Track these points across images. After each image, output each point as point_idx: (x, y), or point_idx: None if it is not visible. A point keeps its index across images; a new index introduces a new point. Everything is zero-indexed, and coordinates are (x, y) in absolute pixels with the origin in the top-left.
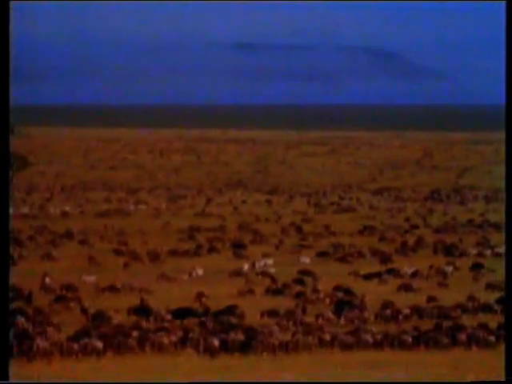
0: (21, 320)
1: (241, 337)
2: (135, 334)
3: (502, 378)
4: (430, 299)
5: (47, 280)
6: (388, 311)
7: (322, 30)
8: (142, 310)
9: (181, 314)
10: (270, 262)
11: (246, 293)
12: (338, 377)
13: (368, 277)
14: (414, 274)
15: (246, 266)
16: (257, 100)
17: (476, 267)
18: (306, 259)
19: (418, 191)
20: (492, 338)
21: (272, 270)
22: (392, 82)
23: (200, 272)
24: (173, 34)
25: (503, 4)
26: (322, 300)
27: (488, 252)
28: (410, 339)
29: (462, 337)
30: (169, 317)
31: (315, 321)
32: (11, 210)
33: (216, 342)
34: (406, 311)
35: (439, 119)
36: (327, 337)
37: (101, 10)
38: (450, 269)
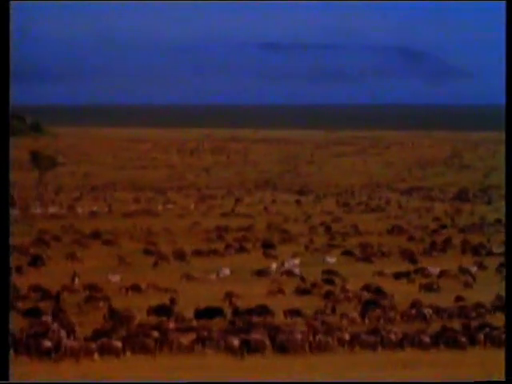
0: (47, 319)
1: (270, 337)
2: (156, 334)
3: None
4: (458, 299)
5: (76, 280)
6: (414, 310)
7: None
8: (168, 310)
9: (209, 313)
10: (296, 261)
11: (276, 292)
12: (364, 377)
13: (397, 276)
14: (442, 274)
15: (274, 266)
16: (285, 100)
17: (504, 266)
18: (331, 259)
19: (446, 191)
20: None
21: (300, 270)
22: (421, 81)
23: (227, 272)
24: (201, 34)
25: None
26: (351, 299)
27: None
28: (437, 338)
29: (490, 336)
30: (191, 316)
31: (340, 320)
32: (39, 210)
33: (239, 342)
34: (431, 310)
35: (467, 119)
36: (350, 336)
37: (128, 11)
38: (475, 269)
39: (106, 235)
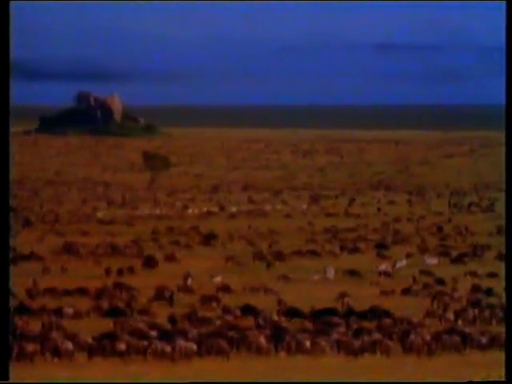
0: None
1: (381, 337)
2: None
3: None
4: None
5: (189, 281)
6: None
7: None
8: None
9: (323, 314)
10: (404, 262)
11: (389, 293)
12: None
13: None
14: None
15: (384, 266)
16: (397, 100)
17: None
18: (433, 260)
19: None
20: None
21: (409, 270)
22: None
23: (331, 273)
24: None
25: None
26: (459, 300)
27: None
28: None
29: None
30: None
31: (455, 321)
32: (144, 211)
33: (361, 343)
34: None
35: None
36: (462, 337)
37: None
38: None
39: (217, 236)
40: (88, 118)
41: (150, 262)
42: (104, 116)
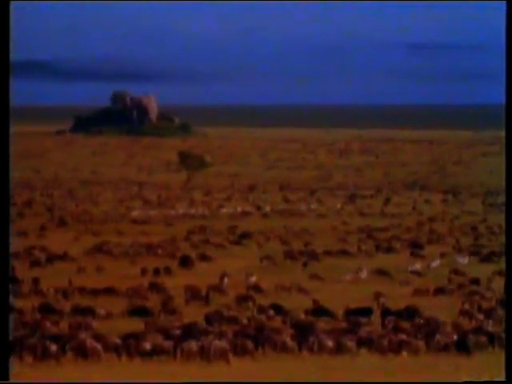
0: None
1: (409, 336)
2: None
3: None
4: None
5: (225, 280)
6: None
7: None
8: (320, 311)
9: (359, 313)
10: (438, 261)
11: (423, 292)
12: None
13: None
14: None
15: (418, 266)
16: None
17: None
18: (464, 259)
19: None
20: None
21: (442, 270)
22: None
23: (364, 272)
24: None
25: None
26: (490, 299)
27: None
28: None
29: None
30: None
31: (484, 320)
32: (180, 211)
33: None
34: None
35: None
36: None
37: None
38: None
39: (252, 235)
40: (124, 117)
41: (185, 262)
42: (140, 116)
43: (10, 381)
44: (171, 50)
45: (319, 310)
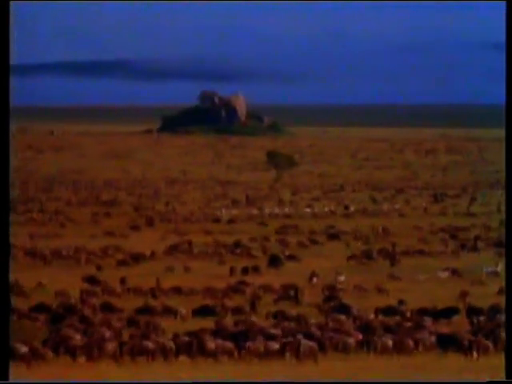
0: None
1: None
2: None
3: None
4: None
5: (314, 280)
6: None
7: None
8: (396, 311)
9: (445, 313)
10: None
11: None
12: None
13: None
14: None
15: (498, 266)
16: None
17: None
18: None
19: None
20: None
21: None
22: None
23: (446, 272)
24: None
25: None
26: None
27: None
28: None
29: None
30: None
31: None
32: (268, 210)
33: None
34: None
35: None
36: None
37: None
38: None
39: (339, 234)
40: (212, 117)
41: (274, 261)
42: (228, 115)
43: (10, 381)
44: (261, 50)
45: (390, 310)
